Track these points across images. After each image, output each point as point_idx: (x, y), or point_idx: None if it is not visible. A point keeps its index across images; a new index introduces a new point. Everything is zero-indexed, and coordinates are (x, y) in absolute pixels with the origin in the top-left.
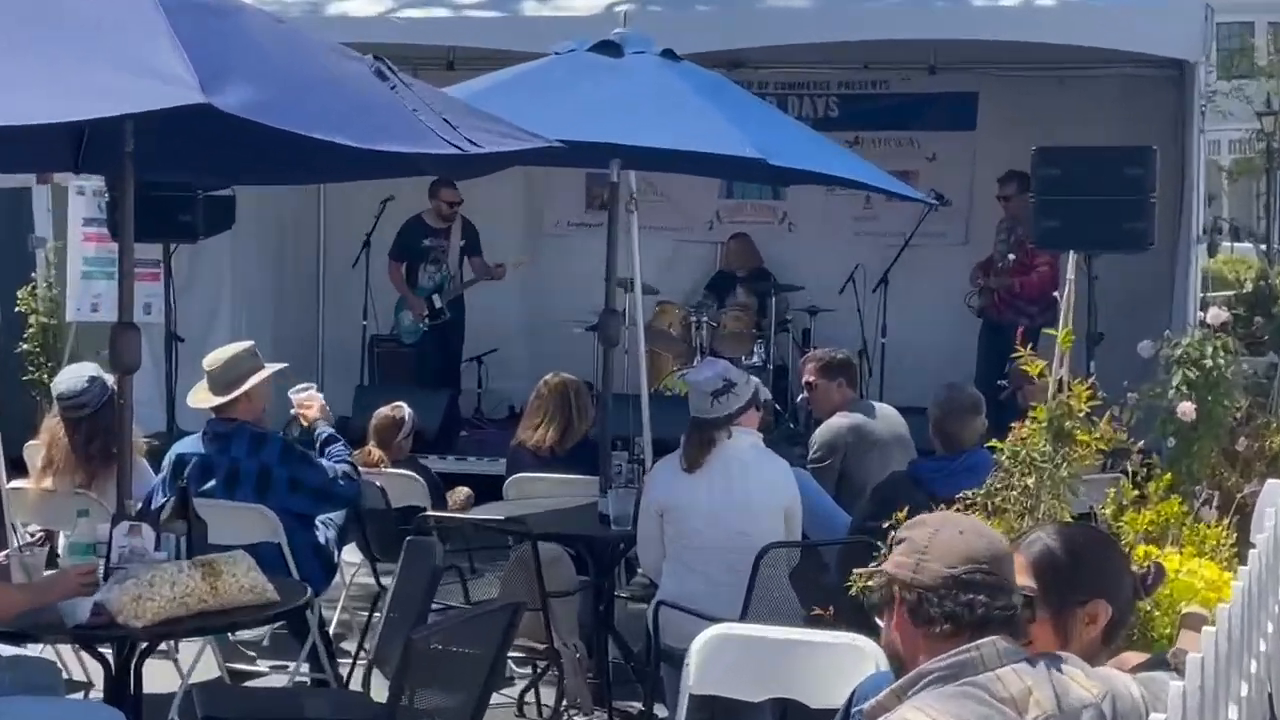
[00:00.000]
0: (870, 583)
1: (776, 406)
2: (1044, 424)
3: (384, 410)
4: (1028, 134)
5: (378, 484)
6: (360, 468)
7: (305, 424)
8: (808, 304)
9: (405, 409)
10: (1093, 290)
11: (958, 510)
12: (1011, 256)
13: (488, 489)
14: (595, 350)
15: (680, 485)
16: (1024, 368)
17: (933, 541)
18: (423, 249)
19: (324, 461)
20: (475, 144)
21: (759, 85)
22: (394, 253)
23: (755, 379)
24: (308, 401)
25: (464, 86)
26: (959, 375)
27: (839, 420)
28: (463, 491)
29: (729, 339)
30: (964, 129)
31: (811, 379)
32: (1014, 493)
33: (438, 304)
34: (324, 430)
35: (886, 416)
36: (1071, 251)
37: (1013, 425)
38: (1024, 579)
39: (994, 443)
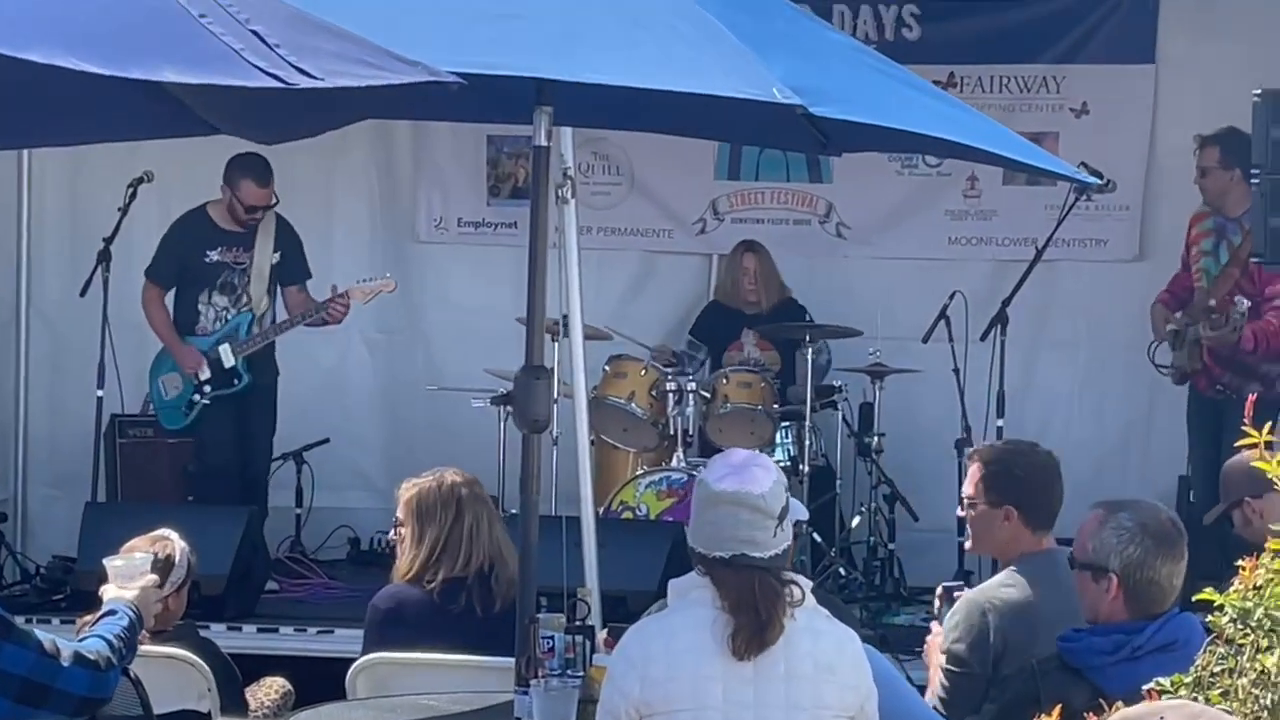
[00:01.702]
0: None
1: (814, 536)
2: None
3: (138, 544)
4: (1247, 69)
5: (129, 673)
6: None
7: (102, 599)
8: (869, 360)
9: (175, 541)
10: None
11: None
12: (1211, 304)
13: (318, 680)
14: (504, 439)
15: (680, 669)
16: (1257, 465)
17: None
18: (206, 267)
19: (38, 632)
20: (308, 73)
21: None
22: (156, 271)
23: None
24: (127, 583)
25: None
26: (1139, 484)
27: (1010, 595)
28: (276, 685)
29: (733, 420)
30: (1136, 60)
31: (970, 492)
32: (1243, 680)
33: (227, 361)
34: (115, 605)
35: None
36: None
37: (1240, 563)
38: None
39: (1207, 594)
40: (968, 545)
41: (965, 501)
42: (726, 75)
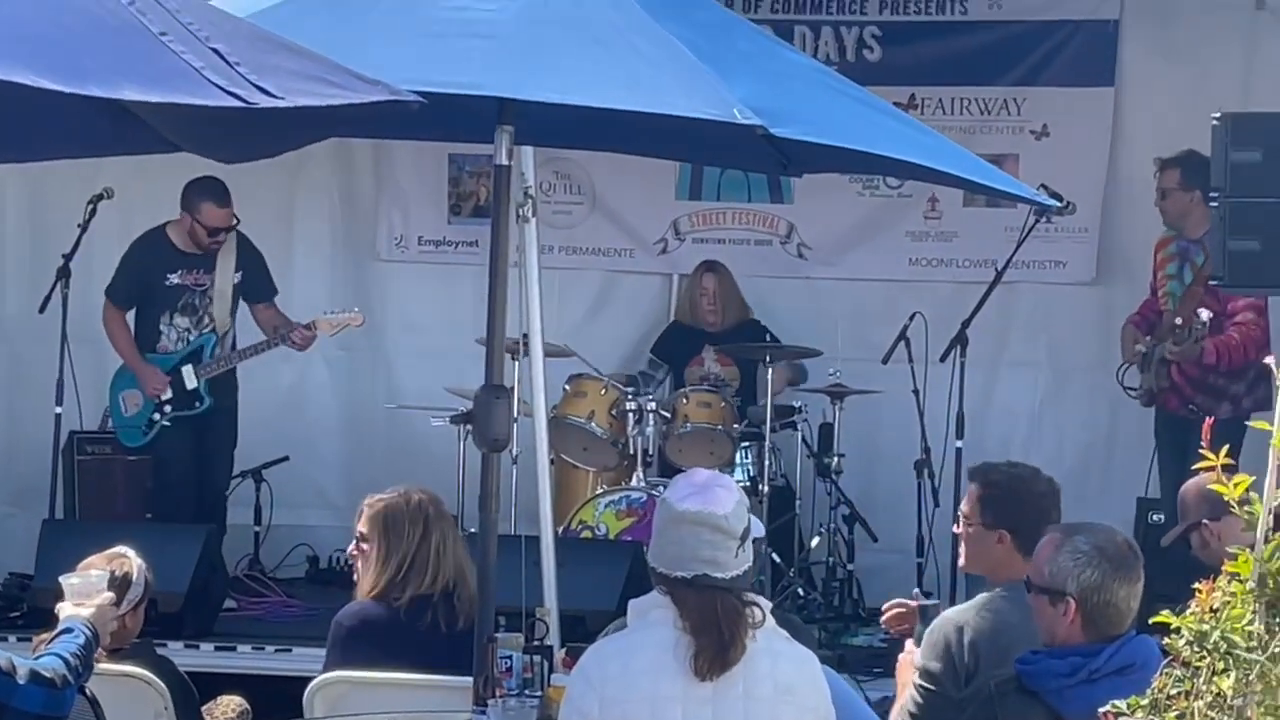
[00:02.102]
0: None
1: (774, 557)
2: (1250, 585)
3: (95, 561)
4: (1206, 93)
5: (85, 691)
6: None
7: (58, 616)
8: (829, 381)
9: (132, 559)
10: None
11: None
12: (1177, 322)
13: (279, 697)
14: (463, 457)
15: (638, 689)
16: (1215, 488)
17: None
18: (167, 290)
19: None
20: (269, 92)
21: (745, 8)
22: (116, 292)
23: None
24: (84, 600)
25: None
26: (1098, 506)
27: (987, 619)
28: (233, 703)
29: (693, 440)
30: (1096, 83)
31: (965, 510)
32: (1199, 703)
33: (190, 382)
34: (71, 623)
35: None
36: None
37: (1196, 586)
38: None
39: (1163, 616)
40: (960, 563)
41: (961, 519)
42: (688, 96)
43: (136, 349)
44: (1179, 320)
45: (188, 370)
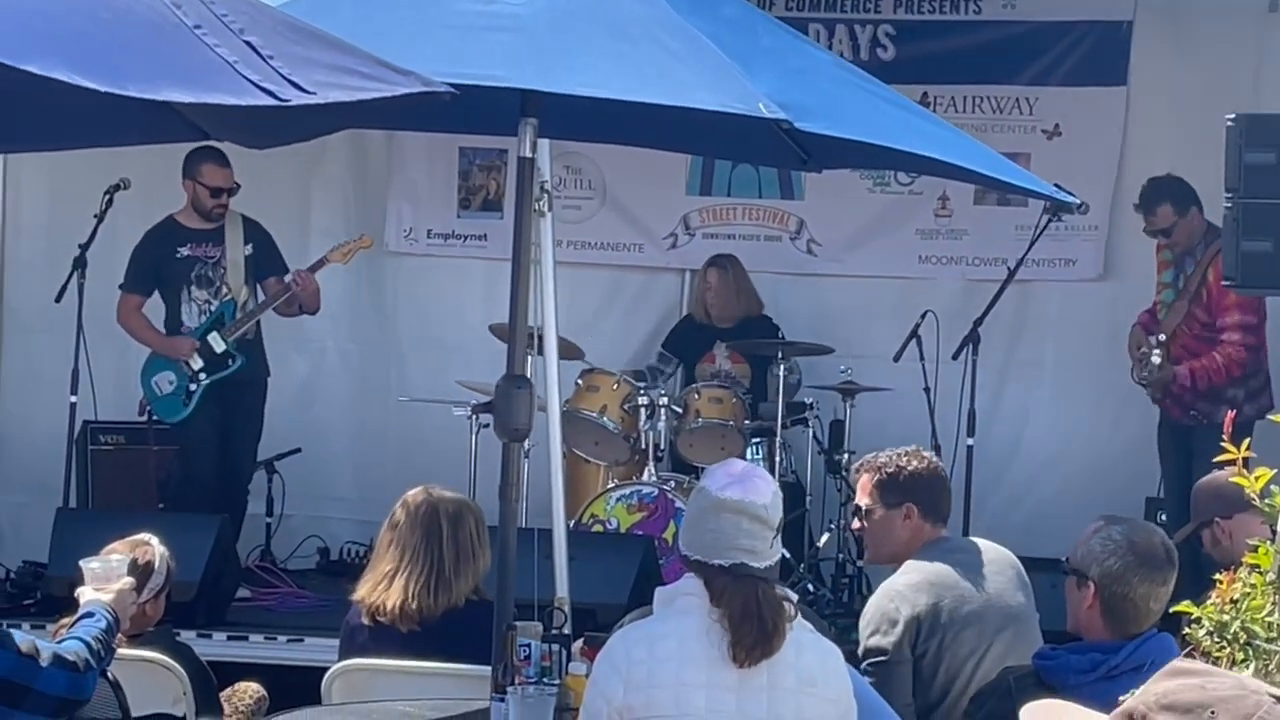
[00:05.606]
0: None
1: (784, 552)
2: (1270, 577)
3: (118, 546)
4: (1218, 94)
5: (107, 675)
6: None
7: (79, 600)
8: (840, 378)
9: (155, 547)
10: None
11: None
12: (1160, 339)
13: (291, 687)
14: (476, 449)
15: (663, 675)
16: (1235, 480)
17: None
18: (179, 263)
19: (16, 633)
20: (301, 88)
21: (759, 6)
22: (131, 283)
23: None
24: (103, 585)
25: None
26: (1106, 504)
27: (910, 579)
28: (250, 690)
29: (704, 435)
30: (1108, 83)
31: (866, 501)
32: None
33: (218, 346)
34: (92, 607)
35: (998, 568)
36: None
37: (1216, 577)
38: None
39: (1184, 606)
40: (866, 558)
41: (862, 511)
42: (713, 90)
43: (157, 330)
44: (1162, 336)
45: (213, 336)
